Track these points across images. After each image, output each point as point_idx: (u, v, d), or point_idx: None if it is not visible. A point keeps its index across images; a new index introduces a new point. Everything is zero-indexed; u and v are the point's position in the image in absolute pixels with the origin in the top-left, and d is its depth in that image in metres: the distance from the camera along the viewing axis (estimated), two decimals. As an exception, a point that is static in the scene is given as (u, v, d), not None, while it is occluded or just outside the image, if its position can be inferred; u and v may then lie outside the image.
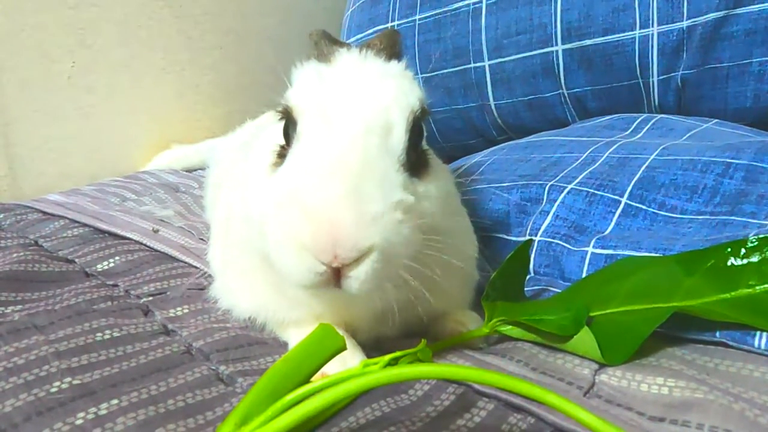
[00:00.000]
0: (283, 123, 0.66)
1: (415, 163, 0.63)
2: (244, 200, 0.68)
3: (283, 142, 0.66)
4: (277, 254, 0.57)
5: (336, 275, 0.55)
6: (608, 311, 0.70)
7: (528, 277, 0.91)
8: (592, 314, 0.69)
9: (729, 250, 0.69)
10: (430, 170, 0.67)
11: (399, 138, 0.61)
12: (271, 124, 0.73)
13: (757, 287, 0.66)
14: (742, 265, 0.68)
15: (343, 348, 0.57)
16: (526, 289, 0.81)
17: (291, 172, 0.60)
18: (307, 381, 0.55)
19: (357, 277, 0.55)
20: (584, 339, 0.65)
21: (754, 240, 0.68)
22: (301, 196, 0.55)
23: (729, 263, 0.69)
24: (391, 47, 0.74)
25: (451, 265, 0.63)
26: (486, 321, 0.72)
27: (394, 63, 0.70)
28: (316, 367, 0.56)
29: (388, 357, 0.54)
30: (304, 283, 0.56)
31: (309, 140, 0.60)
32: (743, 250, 0.69)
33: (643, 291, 0.70)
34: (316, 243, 0.53)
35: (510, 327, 0.71)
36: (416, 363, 0.61)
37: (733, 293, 0.67)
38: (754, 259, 0.68)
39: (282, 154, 0.65)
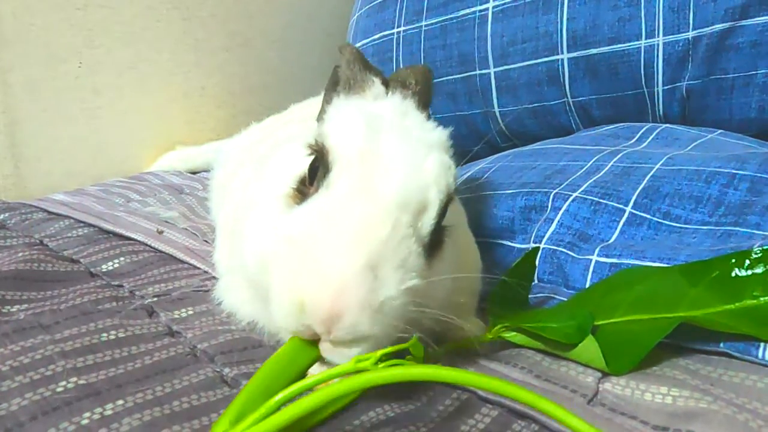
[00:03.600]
0: (311, 158, 0.63)
1: (435, 241, 0.61)
2: (252, 227, 0.65)
3: (305, 174, 0.63)
4: (275, 297, 0.55)
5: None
6: (612, 320, 0.70)
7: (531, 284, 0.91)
8: (596, 323, 0.69)
9: (733, 260, 0.69)
10: (447, 240, 0.64)
11: (430, 220, 0.59)
12: (287, 143, 0.71)
13: (762, 298, 0.66)
14: (747, 276, 0.68)
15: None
16: (529, 296, 0.82)
17: (311, 220, 0.56)
18: (302, 376, 0.55)
19: (342, 354, 0.53)
20: (588, 347, 0.65)
21: (758, 251, 0.69)
22: (316, 254, 0.53)
23: (733, 274, 0.69)
24: (426, 92, 0.72)
25: (456, 282, 0.63)
26: (490, 327, 0.72)
27: (435, 129, 0.67)
28: (308, 364, 0.56)
29: (379, 353, 0.51)
30: (287, 328, 0.56)
31: (340, 196, 0.57)
32: (748, 261, 0.69)
33: (647, 301, 0.70)
34: (316, 311, 0.51)
35: (514, 334, 0.71)
36: (421, 365, 0.60)
37: (737, 304, 0.67)
38: (759, 270, 0.68)
39: (302, 191, 0.62)
